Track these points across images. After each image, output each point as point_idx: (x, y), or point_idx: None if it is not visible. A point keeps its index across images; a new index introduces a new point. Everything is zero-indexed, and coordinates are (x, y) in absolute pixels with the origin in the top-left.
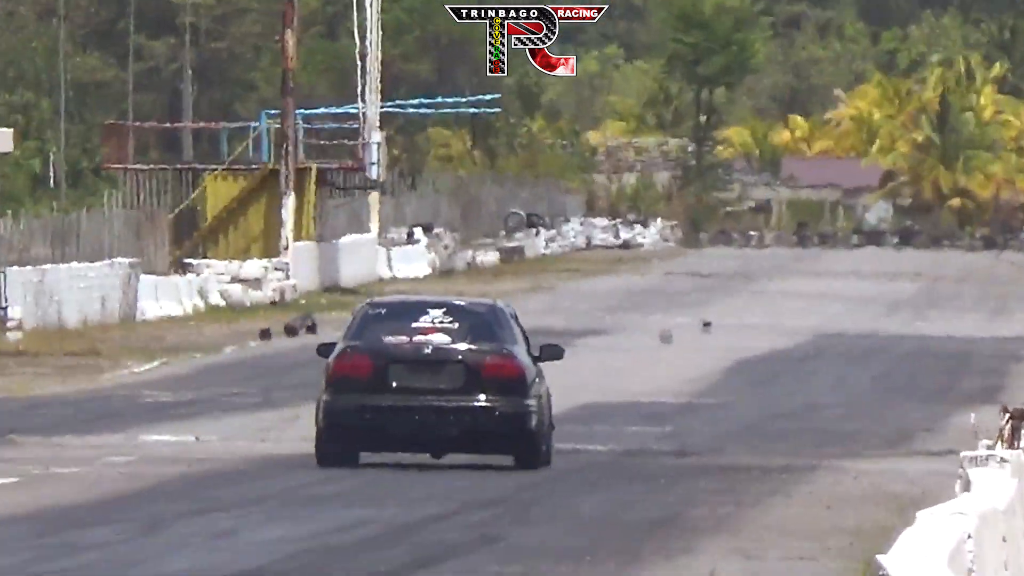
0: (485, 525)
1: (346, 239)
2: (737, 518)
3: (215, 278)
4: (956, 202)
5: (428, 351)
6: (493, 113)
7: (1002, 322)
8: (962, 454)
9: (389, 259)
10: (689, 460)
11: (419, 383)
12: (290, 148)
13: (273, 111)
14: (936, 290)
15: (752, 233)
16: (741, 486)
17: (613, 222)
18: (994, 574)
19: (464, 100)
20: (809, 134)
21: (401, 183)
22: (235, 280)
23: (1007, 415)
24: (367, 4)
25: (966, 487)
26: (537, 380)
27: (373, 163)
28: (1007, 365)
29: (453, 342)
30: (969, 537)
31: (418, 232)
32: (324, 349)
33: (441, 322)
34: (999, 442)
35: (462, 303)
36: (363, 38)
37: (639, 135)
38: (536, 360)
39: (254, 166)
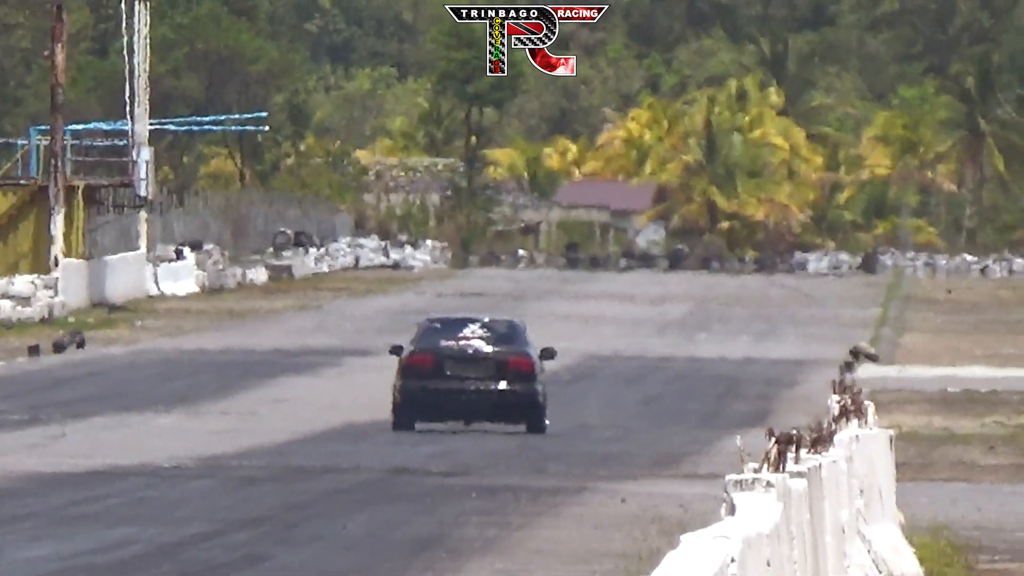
0: (249, 545)
1: (114, 256)
2: (505, 540)
3: None
4: (725, 225)
5: (470, 352)
6: (260, 131)
7: (772, 344)
8: (727, 477)
9: (156, 276)
10: (457, 480)
11: (464, 373)
12: (59, 164)
13: (42, 127)
14: (706, 312)
15: (522, 254)
16: (509, 507)
17: (383, 243)
18: None
19: (232, 117)
20: (579, 156)
21: (170, 200)
22: (4, 296)
23: (773, 439)
24: (135, 21)
25: (731, 511)
26: (541, 371)
27: (142, 180)
28: (775, 389)
29: (487, 345)
30: (733, 561)
31: (186, 250)
32: (396, 349)
33: (478, 332)
34: (765, 466)
35: (493, 319)
36: (131, 54)
37: (409, 155)
38: (541, 358)
39: (23, 182)
